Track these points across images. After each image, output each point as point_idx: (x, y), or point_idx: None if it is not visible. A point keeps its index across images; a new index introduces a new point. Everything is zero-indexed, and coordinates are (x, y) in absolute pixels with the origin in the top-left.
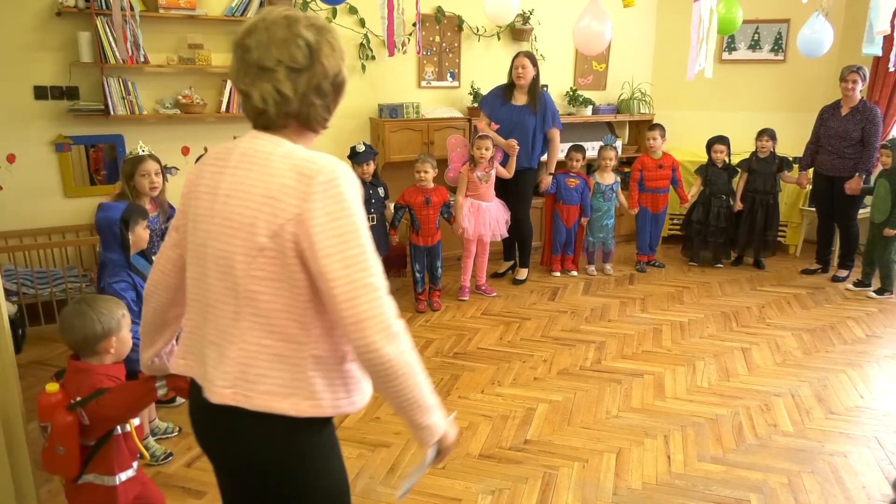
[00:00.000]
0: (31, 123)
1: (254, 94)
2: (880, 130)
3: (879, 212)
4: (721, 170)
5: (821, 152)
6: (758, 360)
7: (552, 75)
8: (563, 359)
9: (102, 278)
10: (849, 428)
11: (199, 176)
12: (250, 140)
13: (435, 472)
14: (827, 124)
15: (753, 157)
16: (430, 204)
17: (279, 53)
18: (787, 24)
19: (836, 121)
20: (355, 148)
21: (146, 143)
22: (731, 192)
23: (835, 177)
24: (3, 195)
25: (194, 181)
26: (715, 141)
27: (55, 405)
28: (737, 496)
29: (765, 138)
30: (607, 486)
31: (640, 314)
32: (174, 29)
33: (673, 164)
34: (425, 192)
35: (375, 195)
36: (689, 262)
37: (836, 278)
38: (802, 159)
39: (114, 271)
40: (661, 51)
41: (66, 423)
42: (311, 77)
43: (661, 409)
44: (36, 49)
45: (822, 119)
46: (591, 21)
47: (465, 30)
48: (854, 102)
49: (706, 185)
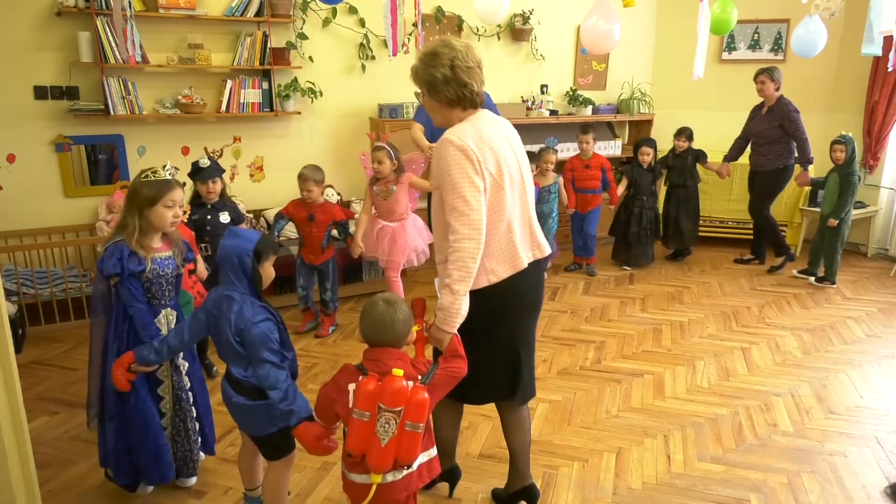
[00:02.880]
0: (31, 123)
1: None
2: (801, 123)
3: (829, 204)
4: (646, 171)
5: (751, 148)
6: (758, 359)
7: (552, 75)
8: (562, 358)
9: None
10: (849, 428)
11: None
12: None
13: None
14: (752, 122)
15: (671, 154)
16: (315, 221)
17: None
18: (786, 24)
19: (758, 119)
20: (198, 163)
21: (146, 143)
22: (653, 193)
23: (757, 171)
24: (3, 195)
25: (488, 149)
26: (643, 143)
27: (405, 387)
28: (737, 496)
29: (682, 138)
30: (607, 486)
31: (639, 314)
32: (174, 29)
33: (602, 164)
34: (310, 209)
35: (215, 221)
36: (621, 266)
37: (772, 269)
38: (728, 152)
39: (252, 308)
40: (660, 51)
41: (425, 399)
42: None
43: (661, 409)
44: (36, 49)
45: (750, 118)
46: (599, 20)
47: (464, 30)
48: (772, 102)
49: (631, 186)
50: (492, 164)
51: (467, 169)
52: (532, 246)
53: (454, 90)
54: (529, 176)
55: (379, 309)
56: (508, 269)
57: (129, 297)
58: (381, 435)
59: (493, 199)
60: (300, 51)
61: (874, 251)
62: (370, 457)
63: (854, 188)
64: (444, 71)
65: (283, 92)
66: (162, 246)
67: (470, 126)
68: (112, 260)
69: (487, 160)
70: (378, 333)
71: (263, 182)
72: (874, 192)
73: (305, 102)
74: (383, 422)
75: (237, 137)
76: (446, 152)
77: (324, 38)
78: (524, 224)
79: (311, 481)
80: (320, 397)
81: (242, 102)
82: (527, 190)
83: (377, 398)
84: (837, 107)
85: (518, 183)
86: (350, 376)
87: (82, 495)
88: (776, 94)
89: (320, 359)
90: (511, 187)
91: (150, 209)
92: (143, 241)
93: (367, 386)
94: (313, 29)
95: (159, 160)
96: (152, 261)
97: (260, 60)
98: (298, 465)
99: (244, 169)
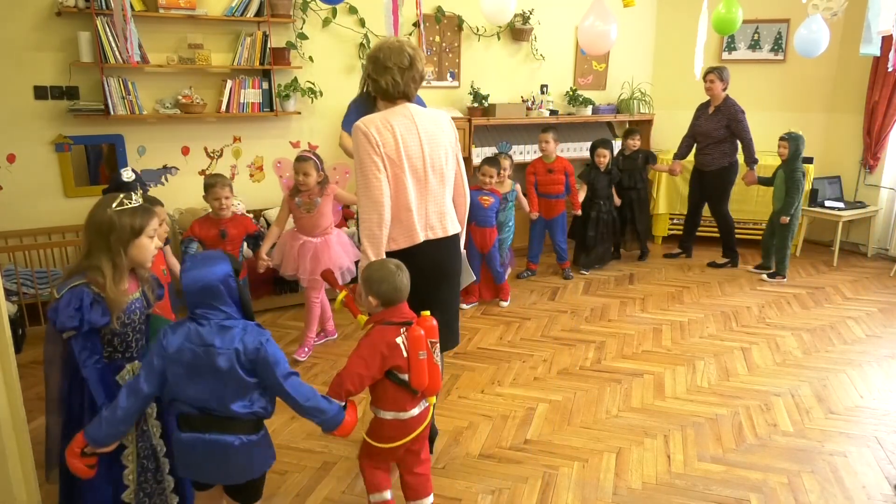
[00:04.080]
0: (31, 123)
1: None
2: (747, 124)
3: (779, 200)
4: (604, 174)
5: (696, 147)
6: (758, 359)
7: (552, 75)
8: (563, 359)
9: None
10: (849, 428)
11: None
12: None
13: (435, 472)
14: (698, 122)
15: (620, 156)
16: (227, 238)
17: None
18: (786, 23)
19: (705, 119)
20: (120, 175)
21: (146, 143)
22: (611, 196)
23: (703, 171)
24: (4, 195)
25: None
26: (599, 144)
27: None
28: (737, 496)
29: (633, 138)
30: (607, 486)
31: (640, 314)
32: (174, 29)
33: (565, 168)
34: (219, 224)
35: None
36: (579, 271)
37: (712, 264)
38: (677, 151)
39: (255, 328)
40: (661, 50)
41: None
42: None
43: (661, 409)
44: (36, 49)
45: (695, 117)
46: (596, 21)
47: (465, 30)
48: (718, 101)
49: (589, 189)
50: (391, 149)
51: (369, 151)
52: (427, 227)
53: (374, 84)
54: (442, 169)
55: (397, 274)
56: (406, 240)
57: (85, 355)
58: (439, 363)
59: (393, 179)
60: (300, 51)
61: (874, 251)
62: (433, 384)
63: (799, 184)
64: (369, 67)
65: (283, 92)
66: (130, 285)
67: (380, 116)
68: (69, 310)
69: (387, 145)
70: (400, 293)
71: (263, 182)
72: (874, 192)
73: (305, 102)
74: (435, 353)
75: (237, 137)
76: (354, 137)
77: (324, 38)
78: (421, 206)
79: (311, 481)
80: (355, 366)
81: (242, 102)
82: (429, 180)
83: (428, 337)
84: (837, 107)
85: (421, 171)
86: (392, 334)
87: None
88: (723, 94)
89: None
90: (413, 173)
91: (133, 243)
92: (120, 285)
93: (417, 332)
94: (313, 29)
95: (159, 160)
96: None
97: (260, 60)
98: (298, 464)
99: (244, 169)
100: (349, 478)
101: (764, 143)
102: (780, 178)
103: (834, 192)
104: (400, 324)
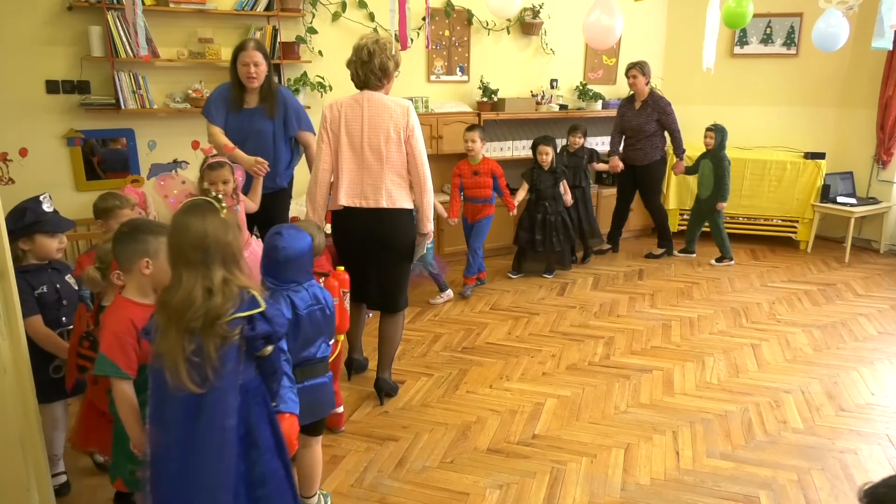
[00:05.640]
0: (42, 117)
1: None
2: (675, 116)
3: (705, 188)
4: (547, 173)
5: (625, 143)
6: (768, 356)
7: (562, 70)
8: (571, 354)
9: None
10: (859, 425)
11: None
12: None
13: (443, 467)
14: (625, 117)
15: (564, 152)
16: None
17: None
18: (799, 17)
19: (632, 114)
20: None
21: (156, 137)
22: (557, 196)
23: (634, 166)
24: (16, 189)
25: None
26: (540, 141)
27: None
28: (746, 493)
29: (577, 134)
30: (615, 482)
31: (649, 309)
32: (184, 23)
33: (493, 170)
34: None
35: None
36: (508, 275)
37: (650, 255)
38: (611, 148)
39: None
40: (671, 45)
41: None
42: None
43: (670, 405)
44: (47, 43)
45: (621, 112)
46: (601, 15)
47: (474, 24)
48: (643, 96)
49: (532, 190)
50: (335, 126)
51: (322, 125)
52: (360, 196)
53: (351, 71)
54: (379, 148)
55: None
56: (334, 204)
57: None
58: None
59: (334, 150)
60: (310, 45)
61: (886, 248)
62: (343, 322)
63: (726, 171)
64: (350, 58)
65: (292, 86)
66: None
67: (342, 99)
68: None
69: (333, 122)
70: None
71: None
72: (887, 187)
73: (315, 97)
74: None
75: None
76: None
77: (333, 32)
78: (356, 178)
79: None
80: None
81: None
82: (366, 156)
83: (342, 287)
84: (850, 102)
85: (359, 148)
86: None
87: (90, 481)
88: (647, 89)
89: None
90: (351, 148)
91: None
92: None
93: (331, 282)
94: (323, 23)
95: (170, 154)
96: None
97: (270, 55)
98: None
99: None
100: (358, 471)
101: (778, 139)
102: (707, 167)
103: (846, 188)
104: (319, 274)
